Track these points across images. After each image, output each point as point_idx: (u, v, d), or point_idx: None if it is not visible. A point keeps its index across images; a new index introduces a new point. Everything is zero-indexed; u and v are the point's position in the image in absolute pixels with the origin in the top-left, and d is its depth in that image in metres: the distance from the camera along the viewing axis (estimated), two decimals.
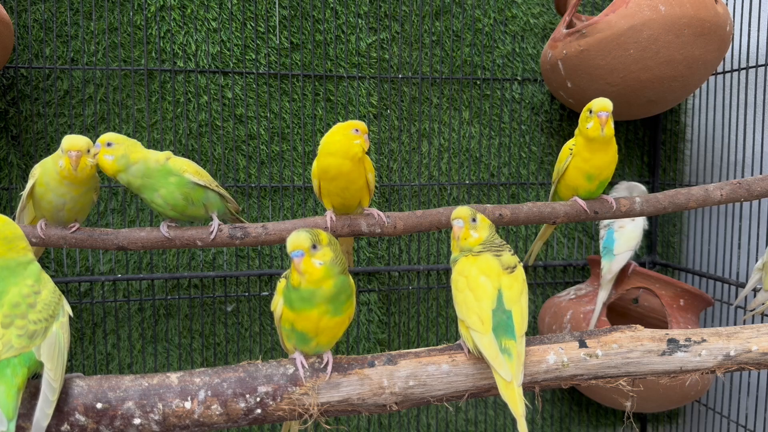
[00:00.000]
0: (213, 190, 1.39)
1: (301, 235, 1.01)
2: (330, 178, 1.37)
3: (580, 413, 2.33)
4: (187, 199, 1.35)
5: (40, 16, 1.86)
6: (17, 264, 0.96)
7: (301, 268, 1.00)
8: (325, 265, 1.01)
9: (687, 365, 1.13)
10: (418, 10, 2.08)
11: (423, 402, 1.10)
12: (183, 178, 1.34)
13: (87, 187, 1.33)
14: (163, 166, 1.33)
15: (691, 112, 2.31)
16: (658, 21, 1.75)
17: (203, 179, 1.36)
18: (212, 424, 1.04)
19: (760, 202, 1.99)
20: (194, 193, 1.36)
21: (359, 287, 2.11)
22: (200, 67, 1.96)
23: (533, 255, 1.79)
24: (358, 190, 1.41)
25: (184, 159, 1.38)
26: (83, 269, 1.94)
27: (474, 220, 1.17)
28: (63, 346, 0.96)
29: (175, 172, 1.34)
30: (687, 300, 1.95)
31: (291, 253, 1.00)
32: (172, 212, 1.37)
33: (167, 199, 1.34)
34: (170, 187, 1.33)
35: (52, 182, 1.29)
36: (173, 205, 1.35)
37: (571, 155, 1.49)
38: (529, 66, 2.20)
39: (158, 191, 1.34)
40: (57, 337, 0.95)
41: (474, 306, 1.08)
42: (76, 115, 1.90)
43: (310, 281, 1.01)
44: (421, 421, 2.18)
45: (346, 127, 1.35)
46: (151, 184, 1.33)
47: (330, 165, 1.35)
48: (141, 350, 2.00)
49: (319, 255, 1.01)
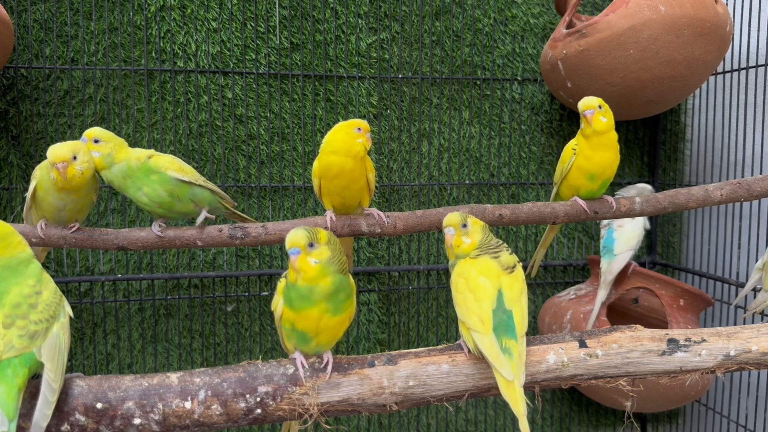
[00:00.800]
0: (200, 186, 1.38)
1: (298, 233, 1.02)
2: (331, 177, 1.37)
3: (580, 413, 2.33)
4: (173, 195, 1.35)
5: (40, 16, 1.86)
6: (18, 262, 0.96)
7: (296, 265, 1.01)
8: (320, 263, 1.01)
9: (687, 365, 1.13)
10: (418, 10, 2.08)
11: (423, 402, 1.10)
12: (165, 175, 1.34)
13: (86, 189, 1.33)
14: (143, 164, 1.33)
15: (691, 112, 2.31)
16: (658, 21, 1.75)
17: (187, 175, 1.35)
18: (212, 424, 1.04)
19: (760, 202, 1.99)
20: (179, 190, 1.36)
21: (359, 287, 2.11)
22: (200, 67, 1.96)
23: (536, 266, 1.77)
24: (359, 190, 1.41)
25: (168, 156, 1.37)
26: (83, 269, 1.94)
27: (464, 225, 1.16)
28: (63, 347, 0.96)
29: (156, 170, 1.33)
30: (687, 300, 1.95)
31: (288, 250, 1.01)
32: (160, 210, 1.37)
33: (152, 196, 1.34)
34: (153, 185, 1.33)
35: (50, 188, 1.30)
36: (159, 202, 1.35)
37: (575, 155, 1.49)
38: (529, 66, 2.20)
39: (142, 189, 1.34)
40: (58, 337, 0.95)
41: (474, 307, 1.08)
42: (76, 115, 1.90)
43: (306, 279, 1.02)
44: (421, 421, 2.18)
45: (348, 126, 1.35)
46: (133, 183, 1.34)
47: (332, 163, 1.35)
48: (141, 350, 2.00)
49: (316, 253, 1.02)
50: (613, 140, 1.47)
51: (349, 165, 1.35)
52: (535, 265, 1.77)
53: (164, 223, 1.40)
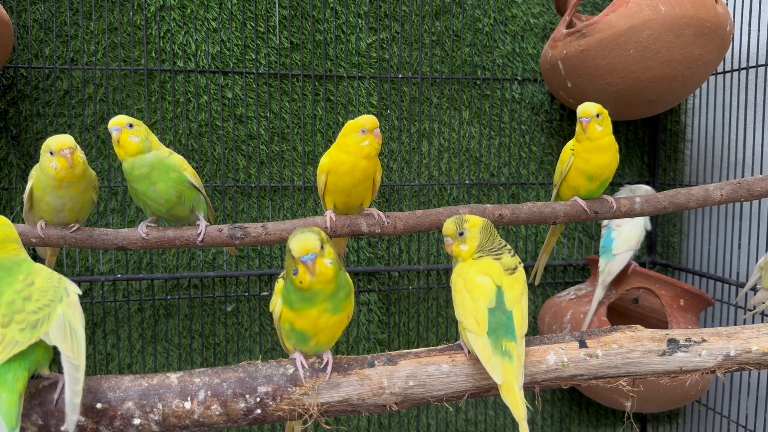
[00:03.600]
0: (203, 194, 1.41)
1: (310, 238, 0.99)
2: (342, 173, 1.37)
3: (580, 413, 2.33)
4: (180, 197, 1.36)
5: (40, 16, 1.86)
6: (11, 264, 0.96)
7: (316, 270, 0.98)
8: (334, 263, 1.01)
9: (687, 365, 1.13)
10: (418, 10, 2.08)
11: (423, 402, 1.10)
12: (183, 175, 1.35)
13: (84, 183, 1.33)
14: (167, 160, 1.35)
15: (691, 112, 2.31)
16: (658, 21, 1.75)
17: (198, 182, 1.38)
18: (212, 425, 1.04)
19: (760, 202, 1.99)
20: (188, 193, 1.37)
21: (359, 287, 2.11)
22: (200, 67, 1.96)
23: (539, 273, 1.77)
24: (366, 189, 1.42)
25: (182, 158, 1.39)
26: (83, 269, 1.94)
27: (461, 234, 1.15)
28: (75, 325, 0.93)
29: (175, 168, 1.35)
30: (687, 300, 1.95)
31: (302, 257, 0.97)
32: (161, 208, 1.37)
33: (161, 193, 1.34)
34: (169, 182, 1.34)
35: (48, 187, 1.29)
36: (165, 200, 1.35)
37: (573, 156, 1.50)
38: (529, 66, 2.20)
39: (156, 184, 1.34)
40: (65, 317, 0.93)
41: (470, 307, 1.08)
42: (76, 115, 1.90)
43: (323, 281, 1.00)
44: (421, 421, 2.18)
45: (354, 129, 1.35)
46: (152, 175, 1.34)
47: (343, 161, 1.36)
48: (141, 350, 1.99)
49: (327, 254, 1.00)
50: (608, 143, 1.48)
51: (362, 164, 1.36)
52: (539, 272, 1.77)
53: (152, 224, 1.40)
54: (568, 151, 1.52)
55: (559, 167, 1.55)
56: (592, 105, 1.46)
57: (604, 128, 1.46)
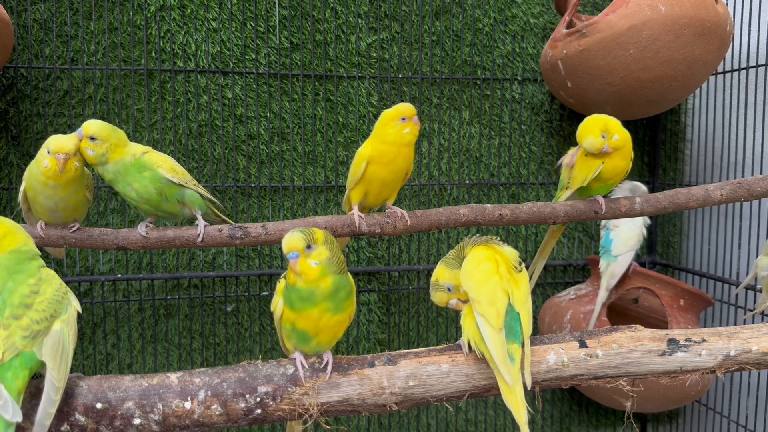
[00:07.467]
0: (190, 189, 1.38)
1: (295, 236, 1.01)
2: (386, 162, 1.41)
3: (580, 413, 2.33)
4: (161, 194, 1.35)
5: (40, 16, 1.86)
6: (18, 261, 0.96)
7: (297, 269, 1.00)
8: (321, 264, 1.01)
9: (687, 365, 1.13)
10: (418, 10, 2.08)
11: (423, 402, 1.10)
12: (156, 173, 1.33)
13: (74, 186, 1.32)
14: (137, 161, 1.33)
15: (691, 112, 2.31)
16: (658, 21, 1.75)
17: (177, 176, 1.35)
18: (212, 424, 1.04)
19: (760, 202, 1.99)
20: (168, 189, 1.35)
21: (359, 287, 2.11)
22: (200, 67, 1.96)
23: (535, 275, 1.74)
24: (399, 180, 1.46)
25: (163, 155, 1.37)
26: (83, 269, 1.94)
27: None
28: (67, 344, 0.94)
29: (148, 167, 1.33)
30: (687, 300, 1.95)
31: (286, 255, 1.00)
32: (146, 206, 1.37)
33: (140, 192, 1.34)
34: (144, 181, 1.33)
35: (38, 185, 1.29)
36: (147, 198, 1.35)
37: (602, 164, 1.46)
38: (529, 66, 2.20)
39: (132, 185, 1.34)
40: (61, 334, 0.93)
41: (498, 296, 1.06)
42: (76, 115, 1.90)
43: (307, 281, 1.01)
44: (421, 421, 2.18)
45: (393, 117, 1.39)
46: (123, 178, 1.33)
47: (386, 151, 1.40)
48: (141, 350, 1.99)
49: (315, 254, 1.01)
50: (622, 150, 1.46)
51: (404, 152, 1.42)
52: (534, 274, 1.75)
53: (151, 223, 1.40)
54: (597, 162, 1.47)
55: (581, 174, 1.50)
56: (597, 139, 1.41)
57: (620, 136, 1.43)
